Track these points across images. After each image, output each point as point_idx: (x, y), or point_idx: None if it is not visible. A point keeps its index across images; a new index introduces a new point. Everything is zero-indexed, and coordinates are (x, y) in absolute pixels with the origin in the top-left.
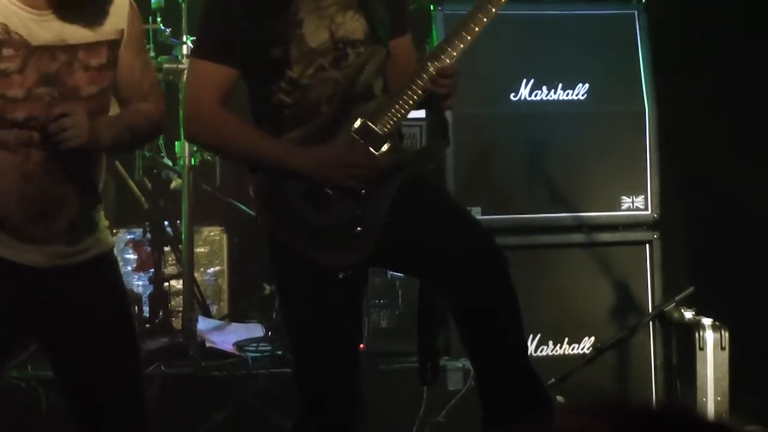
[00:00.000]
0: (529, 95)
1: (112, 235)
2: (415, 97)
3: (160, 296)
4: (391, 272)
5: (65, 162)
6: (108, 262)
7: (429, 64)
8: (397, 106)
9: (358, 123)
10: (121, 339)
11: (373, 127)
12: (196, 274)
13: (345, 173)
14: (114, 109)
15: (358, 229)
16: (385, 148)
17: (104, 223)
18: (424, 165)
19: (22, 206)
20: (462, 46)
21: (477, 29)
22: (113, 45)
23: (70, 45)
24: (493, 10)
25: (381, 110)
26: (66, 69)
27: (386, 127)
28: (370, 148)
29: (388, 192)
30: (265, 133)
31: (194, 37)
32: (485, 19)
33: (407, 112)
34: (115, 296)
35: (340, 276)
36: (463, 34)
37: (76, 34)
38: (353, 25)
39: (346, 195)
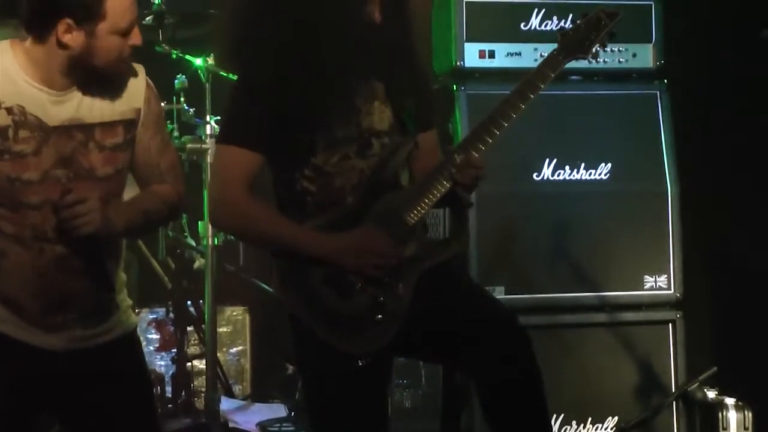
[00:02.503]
0: (552, 174)
1: (135, 314)
2: (442, 189)
3: (182, 376)
4: None
5: (78, 256)
6: (130, 341)
7: (456, 156)
8: (423, 197)
9: (384, 213)
10: (142, 420)
11: (399, 217)
12: (219, 354)
13: (368, 261)
14: (133, 190)
15: (379, 316)
16: (409, 238)
17: (127, 302)
18: (446, 256)
19: (35, 301)
20: (490, 140)
21: (505, 125)
22: (129, 124)
23: (87, 124)
24: (522, 107)
25: (407, 201)
26: (81, 149)
27: (412, 218)
28: (395, 238)
29: (410, 281)
30: (290, 220)
31: (218, 117)
32: (513, 115)
33: (433, 203)
34: (137, 376)
35: (361, 363)
36: (491, 128)
37: (93, 112)
38: (379, 116)
39: (368, 283)
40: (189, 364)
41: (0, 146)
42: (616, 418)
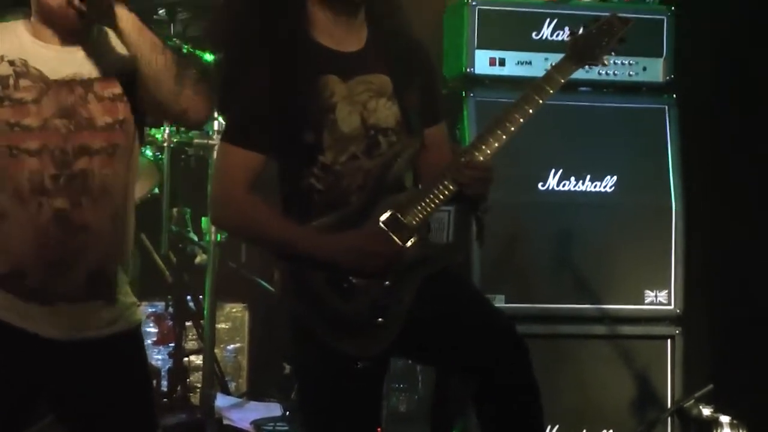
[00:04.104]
0: (557, 185)
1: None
2: (446, 192)
3: (179, 371)
4: None
5: (78, 210)
6: (134, 338)
7: (462, 159)
8: (427, 200)
9: (387, 214)
10: (139, 417)
11: (402, 219)
12: (216, 351)
13: (370, 263)
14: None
15: (380, 319)
16: (412, 240)
17: (131, 299)
18: (448, 260)
19: (37, 265)
20: (497, 144)
21: (513, 128)
22: (129, 76)
23: (86, 79)
24: (530, 111)
25: (410, 203)
26: (81, 101)
27: (414, 220)
28: (397, 240)
29: (412, 284)
30: (292, 222)
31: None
32: (521, 119)
33: (437, 206)
34: (138, 374)
35: (359, 366)
36: (499, 132)
37: (92, 67)
38: (385, 113)
39: (370, 285)
40: (186, 359)
41: (0, 93)
42: (611, 431)
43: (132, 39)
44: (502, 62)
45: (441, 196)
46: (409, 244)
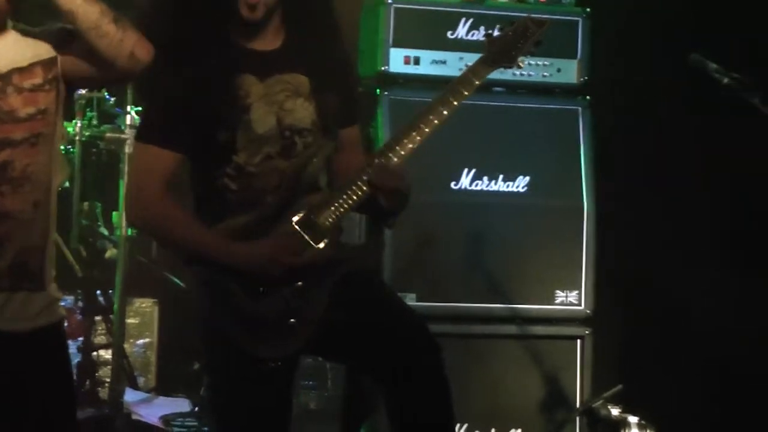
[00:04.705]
0: (470, 184)
1: None
2: (360, 193)
3: (88, 366)
4: None
5: (1, 201)
6: (59, 332)
7: (377, 160)
8: (340, 201)
9: (300, 215)
10: (63, 413)
11: (315, 220)
12: (125, 346)
13: (282, 265)
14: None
15: (292, 320)
16: (324, 242)
17: (58, 294)
18: (361, 261)
19: None
20: (411, 146)
21: (427, 130)
22: (48, 63)
23: (3, 73)
24: (445, 113)
25: (324, 204)
26: (0, 95)
27: (328, 221)
28: (310, 241)
29: (324, 285)
30: (204, 226)
31: (139, 108)
32: (436, 122)
33: (350, 207)
34: (63, 368)
35: (271, 366)
36: (413, 134)
37: (8, 60)
38: (302, 114)
39: (282, 287)
40: (95, 353)
41: None
42: (519, 430)
43: None
44: (417, 61)
45: (354, 197)
46: (322, 245)
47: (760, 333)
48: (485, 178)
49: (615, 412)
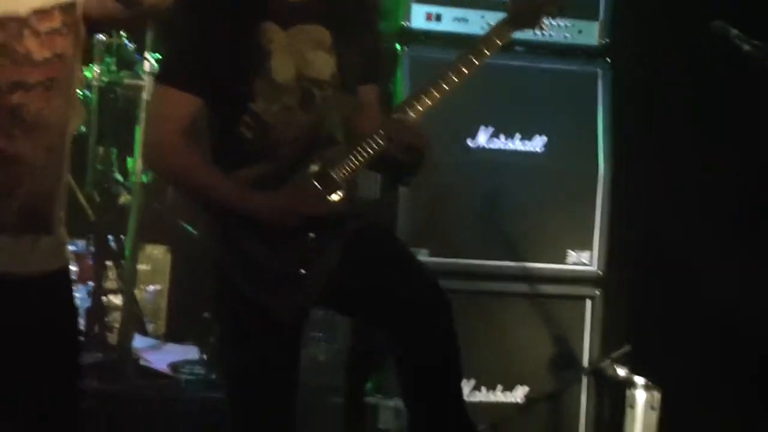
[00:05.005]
0: (487, 143)
1: None
2: (376, 147)
3: (97, 310)
4: None
5: (13, 145)
6: (67, 277)
7: (395, 115)
8: (356, 155)
9: (315, 168)
10: (68, 359)
11: (330, 173)
12: (136, 291)
13: (296, 216)
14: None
15: (304, 272)
16: (339, 195)
17: (66, 239)
18: (375, 216)
19: None
20: (430, 102)
21: (448, 88)
22: (68, 8)
23: (21, 16)
24: (466, 72)
25: (340, 157)
26: (16, 37)
27: (342, 175)
28: (325, 194)
29: (337, 238)
30: (221, 173)
31: (158, 55)
32: (457, 80)
33: (366, 161)
34: (70, 313)
35: (281, 316)
36: (433, 91)
37: (27, 3)
38: (322, 66)
39: (295, 237)
40: (105, 298)
41: None
42: (526, 388)
43: None
44: (438, 17)
45: (370, 151)
46: (336, 198)
47: (766, 299)
48: (502, 137)
49: (622, 373)
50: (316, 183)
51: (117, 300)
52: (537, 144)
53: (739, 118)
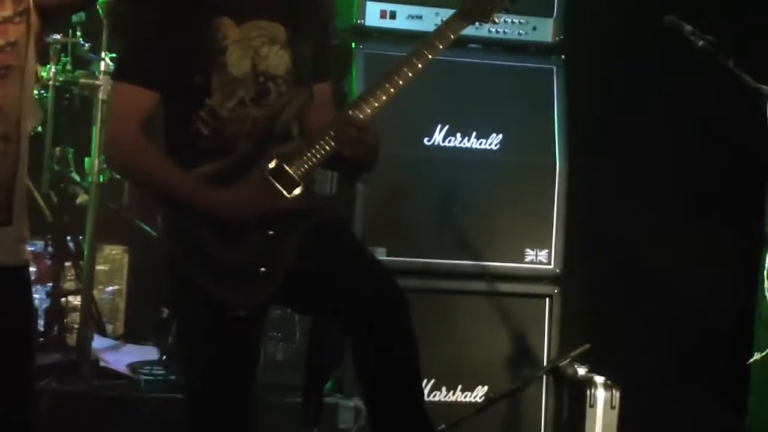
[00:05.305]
0: (443, 141)
1: None
2: (328, 147)
3: (56, 311)
4: None
5: None
6: (26, 279)
7: (350, 111)
8: (313, 151)
9: (272, 164)
10: (22, 359)
11: (287, 169)
12: (94, 292)
13: (254, 213)
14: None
15: (263, 269)
16: (297, 191)
17: (26, 234)
18: (332, 212)
19: None
20: (384, 97)
21: (401, 83)
22: None
23: None
24: (419, 66)
25: (297, 153)
26: None
27: (300, 171)
28: (282, 190)
29: (295, 235)
30: (179, 169)
31: (113, 54)
32: (410, 74)
33: (322, 158)
34: (26, 312)
35: (240, 314)
36: (387, 86)
37: None
38: (277, 61)
39: (253, 234)
40: (63, 299)
41: None
42: (486, 387)
43: None
44: (392, 15)
45: (324, 150)
46: (293, 194)
47: (727, 294)
48: (458, 135)
49: (581, 371)
50: (273, 179)
51: (76, 301)
52: (493, 141)
53: (697, 112)
